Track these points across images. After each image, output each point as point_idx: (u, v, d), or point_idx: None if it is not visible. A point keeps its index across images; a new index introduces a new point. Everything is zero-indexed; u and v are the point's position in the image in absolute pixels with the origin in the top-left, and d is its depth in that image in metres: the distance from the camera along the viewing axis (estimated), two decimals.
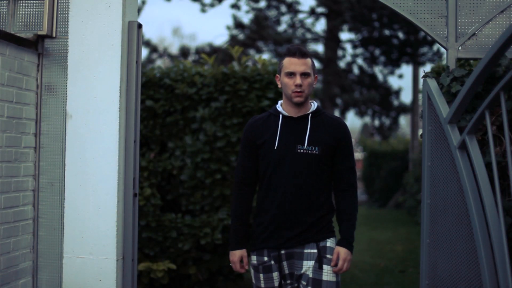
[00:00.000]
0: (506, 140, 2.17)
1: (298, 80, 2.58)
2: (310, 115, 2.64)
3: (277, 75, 2.69)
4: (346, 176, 2.66)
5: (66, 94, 3.06)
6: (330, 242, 2.62)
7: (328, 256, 2.57)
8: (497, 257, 2.25)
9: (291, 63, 2.59)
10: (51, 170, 3.10)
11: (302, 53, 2.59)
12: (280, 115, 2.66)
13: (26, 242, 3.08)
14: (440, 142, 2.72)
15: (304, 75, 2.59)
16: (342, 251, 2.58)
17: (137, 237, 3.56)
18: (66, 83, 3.06)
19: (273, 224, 2.61)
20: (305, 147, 2.59)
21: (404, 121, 30.17)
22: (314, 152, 2.59)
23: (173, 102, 5.02)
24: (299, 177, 2.58)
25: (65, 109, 3.06)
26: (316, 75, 2.68)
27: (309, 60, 2.61)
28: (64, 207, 3.04)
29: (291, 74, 2.60)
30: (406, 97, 35.88)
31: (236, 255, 2.68)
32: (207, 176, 4.89)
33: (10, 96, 2.95)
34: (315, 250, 2.58)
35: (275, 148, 2.60)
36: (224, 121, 4.90)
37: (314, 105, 2.69)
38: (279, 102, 2.73)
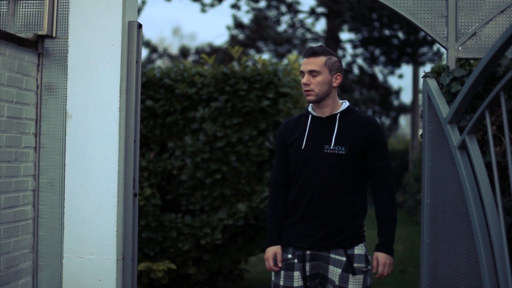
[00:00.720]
0: (506, 140, 2.17)
1: (304, 78, 2.59)
2: (338, 115, 2.62)
3: None
4: (380, 175, 2.62)
5: (66, 94, 3.06)
6: (358, 250, 2.60)
7: (355, 265, 2.56)
8: (497, 257, 2.25)
9: (302, 63, 2.62)
10: (51, 170, 3.10)
11: (312, 52, 2.59)
12: (310, 115, 2.65)
13: (26, 242, 3.08)
14: (440, 142, 2.71)
15: (312, 73, 2.58)
16: (381, 256, 2.59)
17: (137, 237, 3.56)
18: (66, 83, 3.06)
19: (300, 223, 2.60)
20: (331, 147, 2.56)
21: (404, 121, 30.14)
22: (341, 152, 2.55)
23: (173, 102, 5.02)
24: (325, 177, 2.56)
25: (65, 109, 3.06)
26: (339, 73, 2.61)
27: (321, 58, 2.58)
28: (64, 207, 3.03)
29: (301, 74, 2.62)
30: (406, 97, 35.83)
31: (269, 251, 2.66)
32: (207, 176, 4.89)
33: (10, 96, 2.95)
34: (344, 258, 2.56)
35: (302, 148, 2.60)
36: (224, 121, 4.90)
37: (345, 104, 2.66)
38: None
